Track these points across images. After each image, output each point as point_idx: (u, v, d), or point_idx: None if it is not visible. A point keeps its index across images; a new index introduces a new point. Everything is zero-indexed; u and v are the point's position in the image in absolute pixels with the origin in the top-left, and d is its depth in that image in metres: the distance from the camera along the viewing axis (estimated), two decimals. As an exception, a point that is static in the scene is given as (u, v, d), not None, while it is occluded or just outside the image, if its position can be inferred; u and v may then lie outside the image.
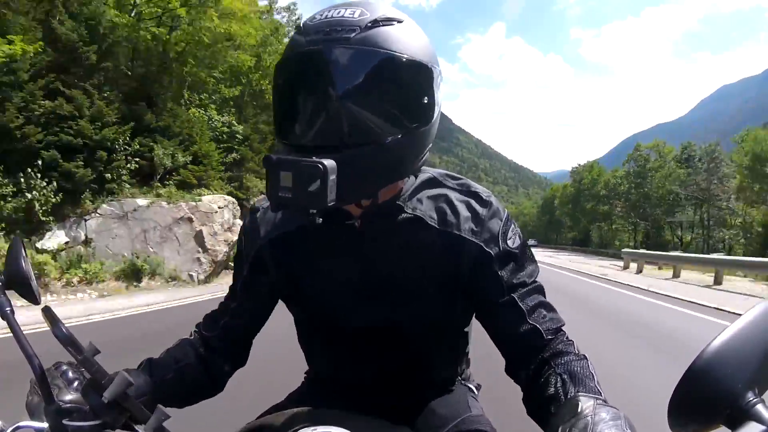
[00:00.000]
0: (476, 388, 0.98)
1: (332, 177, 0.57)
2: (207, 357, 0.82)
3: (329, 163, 0.57)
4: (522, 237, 0.78)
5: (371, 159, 0.62)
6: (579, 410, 0.53)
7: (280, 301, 0.87)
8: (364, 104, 0.61)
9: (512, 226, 0.77)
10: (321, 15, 0.64)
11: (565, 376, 0.63)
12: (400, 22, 0.64)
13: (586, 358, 0.68)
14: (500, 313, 0.73)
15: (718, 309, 7.75)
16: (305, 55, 0.62)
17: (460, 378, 0.97)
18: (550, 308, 0.75)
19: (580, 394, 0.58)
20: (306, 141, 0.62)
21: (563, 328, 0.74)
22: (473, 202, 0.76)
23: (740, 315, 0.42)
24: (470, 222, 0.75)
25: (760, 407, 0.39)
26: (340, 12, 0.62)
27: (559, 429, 0.52)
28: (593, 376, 0.63)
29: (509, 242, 0.75)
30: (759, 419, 0.39)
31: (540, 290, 0.76)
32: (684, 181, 33.11)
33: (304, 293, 0.82)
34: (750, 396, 0.40)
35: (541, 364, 0.69)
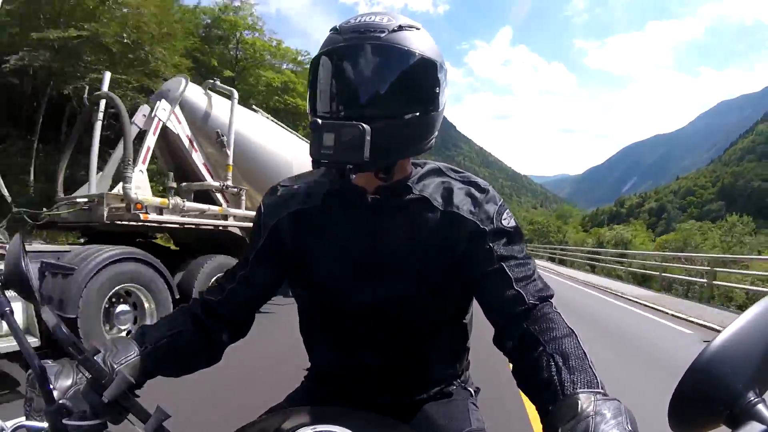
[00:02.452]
0: (475, 392, 0.98)
1: (368, 138, 0.69)
2: (206, 322, 0.83)
3: (366, 126, 0.69)
4: (517, 221, 0.84)
5: (395, 130, 0.74)
6: (579, 410, 0.53)
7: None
8: (390, 87, 0.74)
9: (507, 210, 0.84)
10: (355, 20, 0.77)
11: (558, 358, 0.64)
12: (418, 29, 0.78)
13: (575, 333, 0.69)
14: (489, 280, 0.78)
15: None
16: (345, 48, 0.75)
17: (459, 380, 0.97)
18: (539, 279, 0.79)
19: (579, 391, 0.58)
20: (344, 113, 0.75)
21: (551, 299, 0.77)
22: (473, 189, 0.85)
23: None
24: (469, 205, 0.83)
25: (760, 407, 0.40)
26: (372, 18, 0.76)
27: (559, 430, 0.52)
28: (585, 356, 0.64)
29: (503, 222, 0.82)
30: (760, 419, 0.39)
31: (532, 266, 0.79)
32: None
33: (313, 269, 0.86)
34: (751, 396, 0.40)
35: (528, 336, 0.70)
